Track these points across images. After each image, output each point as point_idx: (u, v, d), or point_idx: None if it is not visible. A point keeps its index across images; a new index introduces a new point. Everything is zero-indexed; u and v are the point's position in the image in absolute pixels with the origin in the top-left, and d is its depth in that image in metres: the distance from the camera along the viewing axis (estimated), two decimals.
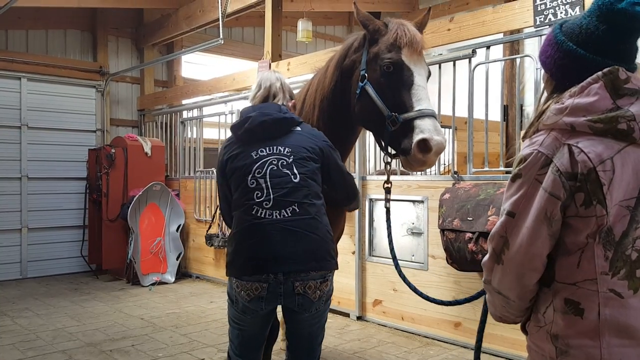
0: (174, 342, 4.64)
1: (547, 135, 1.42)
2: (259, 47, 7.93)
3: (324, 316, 2.45)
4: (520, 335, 3.86)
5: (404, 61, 2.53)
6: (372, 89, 2.58)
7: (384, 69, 2.54)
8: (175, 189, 7.82)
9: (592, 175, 1.34)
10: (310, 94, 2.99)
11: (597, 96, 1.38)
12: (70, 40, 8.23)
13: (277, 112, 2.46)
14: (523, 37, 4.88)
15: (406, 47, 2.53)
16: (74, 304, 6.01)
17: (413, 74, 2.52)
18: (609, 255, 1.37)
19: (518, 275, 1.45)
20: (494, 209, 3.83)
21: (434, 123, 2.44)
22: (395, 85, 2.52)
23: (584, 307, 1.38)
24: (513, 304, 1.51)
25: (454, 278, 4.46)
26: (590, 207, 1.35)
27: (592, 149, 1.36)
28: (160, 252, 7.19)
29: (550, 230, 1.40)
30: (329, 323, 5.10)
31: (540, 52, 1.57)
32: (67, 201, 7.88)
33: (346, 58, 2.80)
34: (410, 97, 2.48)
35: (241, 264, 2.30)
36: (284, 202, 2.28)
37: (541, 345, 1.46)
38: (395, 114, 2.48)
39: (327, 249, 2.34)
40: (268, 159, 2.36)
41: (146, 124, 8.76)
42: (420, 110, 2.45)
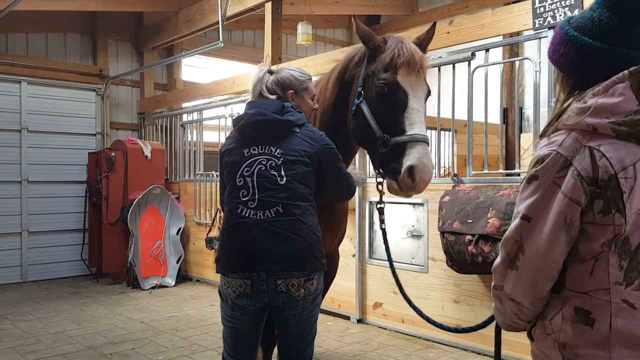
0: (174, 346, 4.64)
1: (567, 135, 1.34)
2: (259, 50, 7.94)
3: (313, 315, 2.45)
4: (520, 337, 3.86)
5: (399, 82, 2.46)
6: (366, 108, 2.52)
7: (379, 89, 2.48)
8: (176, 192, 7.82)
9: (612, 182, 1.28)
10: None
11: (622, 97, 1.30)
12: (70, 43, 8.24)
13: (276, 112, 2.43)
14: (522, 40, 4.90)
15: (403, 67, 2.46)
16: (74, 308, 6.01)
17: (408, 96, 2.45)
18: (623, 265, 1.32)
19: (533, 281, 1.39)
20: (494, 212, 3.83)
21: (424, 149, 2.41)
22: (389, 106, 2.46)
23: (595, 317, 1.33)
24: (526, 311, 1.45)
25: (454, 280, 4.46)
26: (608, 215, 1.29)
27: (615, 153, 1.29)
28: (160, 255, 7.18)
29: (569, 236, 1.34)
30: (329, 326, 5.10)
31: (551, 51, 1.49)
32: (67, 204, 7.88)
33: (347, 72, 2.75)
34: (404, 120, 2.43)
35: (226, 261, 2.37)
36: (269, 202, 2.31)
37: (547, 353, 1.42)
38: (387, 136, 2.44)
39: (311, 250, 2.34)
40: (258, 159, 2.38)
41: (146, 127, 8.77)
42: (411, 135, 2.40)
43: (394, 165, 2.45)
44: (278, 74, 2.60)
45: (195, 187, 7.45)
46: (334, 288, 5.23)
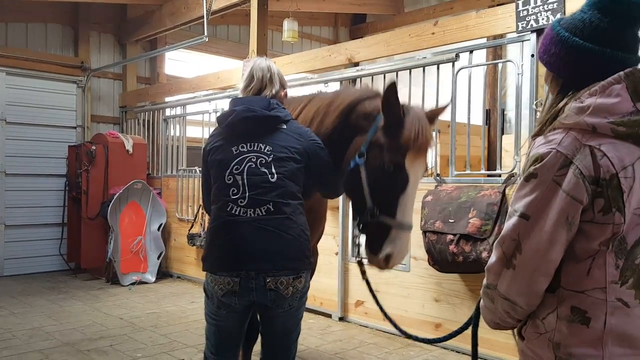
0: (153, 342, 4.60)
1: (565, 134, 1.35)
2: (245, 45, 7.88)
3: (299, 313, 2.45)
4: (498, 336, 3.91)
5: (405, 166, 2.41)
6: (365, 174, 2.46)
7: (384, 166, 2.42)
8: (157, 188, 7.74)
9: (614, 182, 1.29)
10: (305, 118, 2.81)
11: (619, 98, 1.32)
12: (52, 34, 8.10)
13: (264, 108, 2.43)
14: (505, 42, 4.94)
15: (413, 150, 2.41)
16: (52, 303, 5.92)
17: (409, 181, 2.43)
18: (619, 264, 1.33)
19: (530, 281, 1.38)
20: (475, 212, 3.87)
21: (407, 238, 2.45)
22: (388, 184, 2.43)
23: (590, 315, 1.34)
24: (520, 310, 1.44)
25: (436, 279, 4.49)
26: (608, 214, 1.30)
27: (615, 153, 1.31)
28: (140, 251, 7.11)
29: (569, 235, 1.34)
30: (311, 324, 5.11)
31: (542, 51, 1.51)
32: (46, 198, 7.76)
33: (354, 113, 2.62)
34: (397, 203, 2.42)
35: (214, 260, 2.34)
36: (259, 200, 2.29)
37: (539, 353, 1.42)
38: (377, 210, 2.42)
39: (301, 249, 2.34)
40: (247, 156, 2.36)
41: (128, 121, 8.66)
42: (400, 223, 2.41)
43: (373, 243, 2.47)
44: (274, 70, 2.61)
45: (177, 183, 7.39)
46: (316, 286, 5.24)
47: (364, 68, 5.36)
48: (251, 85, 2.56)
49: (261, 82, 2.55)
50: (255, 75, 2.55)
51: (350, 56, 5.43)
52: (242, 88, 2.62)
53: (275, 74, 2.59)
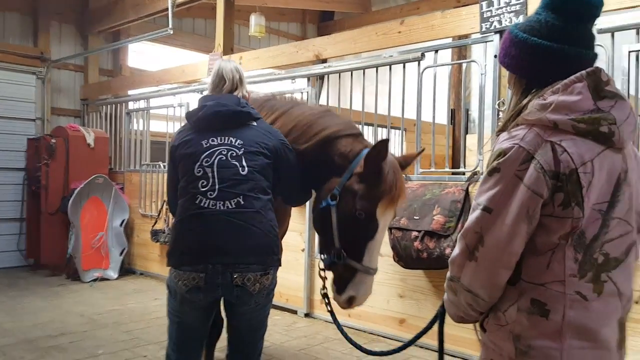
0: (115, 339, 4.53)
1: (528, 130, 1.39)
2: (211, 39, 7.80)
3: (266, 310, 2.44)
4: (463, 332, 4.00)
5: (376, 215, 2.46)
6: (335, 217, 2.47)
7: (355, 213, 2.44)
8: (120, 183, 7.59)
9: (573, 177, 1.33)
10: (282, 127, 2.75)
11: (580, 96, 1.37)
12: (9, 23, 7.83)
13: (235, 104, 2.45)
14: (469, 43, 5.04)
15: (386, 201, 2.46)
16: (10, 300, 5.75)
17: (378, 229, 2.48)
18: (578, 257, 1.36)
19: (492, 273, 1.41)
20: (439, 209, 3.95)
21: (370, 283, 2.53)
22: (358, 230, 2.46)
23: (550, 308, 1.37)
24: (482, 302, 1.47)
25: (400, 276, 4.56)
26: (568, 208, 1.34)
27: (575, 149, 1.34)
28: (102, 247, 6.96)
29: (529, 228, 1.37)
30: (277, 320, 5.11)
31: (502, 55, 1.55)
32: (3, 192, 7.51)
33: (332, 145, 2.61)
34: (365, 249, 2.47)
35: (180, 254, 2.29)
36: (229, 193, 2.26)
37: (500, 344, 1.45)
38: (344, 253, 2.46)
39: (270, 244, 2.33)
40: (218, 149, 2.34)
41: (89, 114, 8.46)
42: (366, 268, 2.47)
43: (338, 283, 2.54)
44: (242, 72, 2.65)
45: (140, 178, 7.26)
46: (282, 282, 5.22)
47: (332, 65, 5.39)
48: (222, 86, 2.57)
49: (232, 83, 2.57)
50: (226, 76, 2.57)
51: (317, 53, 5.44)
52: (211, 88, 2.62)
53: (243, 75, 2.64)
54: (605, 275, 1.40)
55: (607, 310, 1.40)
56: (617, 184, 1.40)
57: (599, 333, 1.38)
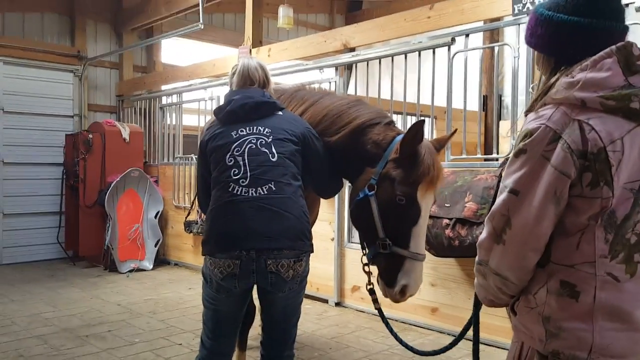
0: (151, 328, 4.63)
1: (555, 109, 1.35)
2: (240, 33, 7.84)
3: (299, 297, 2.44)
4: (496, 320, 3.93)
5: (417, 199, 2.42)
6: (375, 206, 2.45)
7: (395, 199, 2.42)
8: (154, 176, 7.75)
9: (602, 155, 1.29)
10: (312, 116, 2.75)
11: (610, 72, 1.32)
12: (48, 23, 8.06)
13: (260, 96, 2.50)
14: (502, 25, 4.93)
15: (425, 184, 2.42)
16: (50, 291, 5.95)
17: (420, 213, 2.44)
18: (609, 238, 1.33)
19: (519, 255, 1.39)
20: (471, 196, 3.88)
21: (421, 270, 2.46)
22: (400, 217, 2.43)
23: (580, 289, 1.34)
24: (511, 285, 1.45)
25: (432, 264, 4.51)
26: (596, 188, 1.30)
27: (603, 127, 1.30)
28: (138, 238, 7.13)
29: (557, 209, 1.34)
30: (308, 309, 5.13)
31: (529, 35, 1.51)
32: (43, 187, 7.76)
33: (364, 134, 2.60)
34: (410, 234, 2.43)
35: (215, 241, 2.30)
36: (261, 180, 2.28)
37: (530, 327, 1.43)
38: (389, 242, 2.43)
39: (302, 230, 2.32)
40: (247, 138, 2.37)
41: (124, 109, 8.65)
42: (414, 254, 2.42)
43: (388, 275, 2.48)
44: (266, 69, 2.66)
45: (174, 171, 7.39)
46: (312, 272, 5.22)
47: (360, 53, 5.35)
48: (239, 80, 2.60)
49: (259, 83, 2.59)
50: (252, 76, 2.58)
51: (345, 42, 5.41)
52: (234, 84, 2.63)
53: (268, 71, 2.65)
54: (638, 256, 1.35)
55: None
56: None
57: (633, 315, 1.34)
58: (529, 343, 1.45)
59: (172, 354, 4.00)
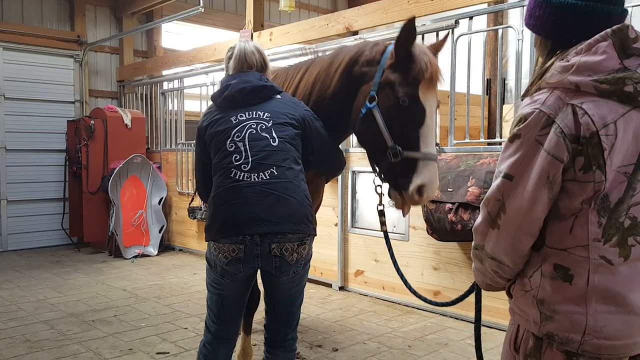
0: (156, 313, 4.67)
1: (549, 94, 1.35)
2: (241, 16, 7.79)
3: (303, 280, 2.45)
4: (497, 303, 3.96)
5: (419, 98, 2.41)
6: (379, 115, 2.45)
7: (399, 102, 2.41)
8: (157, 162, 7.75)
9: (594, 139, 1.29)
10: (306, 84, 2.83)
11: (604, 55, 1.32)
12: (47, 8, 8.00)
13: (258, 80, 2.47)
14: (505, 7, 4.88)
15: (425, 82, 2.41)
16: (56, 276, 5.99)
17: (425, 112, 2.42)
18: (602, 222, 1.34)
19: (514, 239, 1.40)
20: (474, 180, 3.88)
21: (435, 169, 2.43)
22: (406, 119, 2.42)
23: (573, 273, 1.35)
24: (507, 269, 1.47)
25: (434, 248, 4.53)
26: (589, 172, 1.31)
27: (596, 111, 1.30)
28: (142, 224, 7.16)
29: (551, 193, 1.35)
30: (312, 293, 5.17)
31: (527, 16, 1.51)
32: (46, 173, 7.79)
33: (356, 65, 2.62)
34: (419, 136, 2.40)
35: (218, 227, 2.30)
36: (263, 164, 2.28)
37: (525, 310, 1.44)
38: (399, 148, 2.41)
39: (305, 213, 2.33)
40: (247, 123, 2.36)
41: (126, 95, 8.62)
42: (425, 154, 2.39)
43: (402, 180, 2.44)
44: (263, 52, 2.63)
45: (177, 157, 7.39)
46: (316, 256, 5.27)
47: (363, 37, 5.30)
48: (235, 64, 2.57)
49: (257, 67, 2.57)
50: (249, 60, 2.56)
51: (348, 25, 5.37)
52: (231, 68, 2.61)
53: (265, 55, 2.62)
54: (632, 239, 1.36)
55: (635, 274, 1.36)
56: None
57: (627, 298, 1.34)
58: (525, 325, 1.46)
59: (177, 337, 4.05)
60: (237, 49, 2.60)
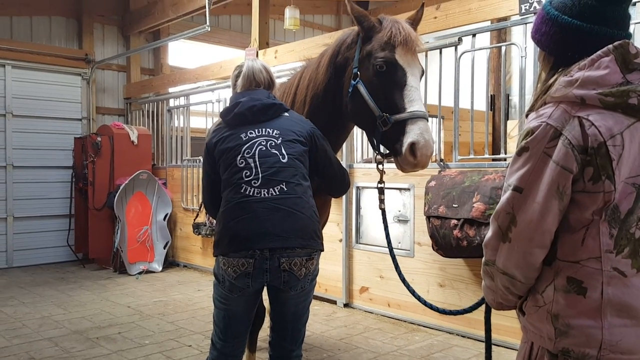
0: (161, 330, 4.65)
1: (555, 107, 1.38)
2: (247, 35, 7.87)
3: (309, 296, 2.45)
4: (507, 321, 3.92)
5: (397, 60, 2.45)
6: (364, 88, 2.52)
7: (377, 68, 2.47)
8: (162, 178, 7.79)
9: (602, 150, 1.31)
10: (301, 89, 2.92)
11: (607, 70, 1.35)
12: (56, 27, 8.12)
13: (266, 98, 2.52)
14: (509, 25, 4.91)
15: (400, 46, 2.45)
16: (60, 293, 5.99)
17: (406, 74, 2.45)
18: (613, 233, 1.34)
19: (526, 253, 1.40)
20: (479, 196, 3.87)
21: (425, 125, 2.42)
22: (388, 85, 2.47)
23: (587, 286, 1.34)
24: (519, 285, 1.46)
25: (440, 264, 4.51)
26: (598, 182, 1.32)
27: (603, 122, 1.32)
28: (147, 240, 7.16)
29: (561, 204, 1.36)
30: (316, 310, 5.14)
31: (534, 31, 1.54)
32: (53, 190, 7.83)
33: (339, 55, 2.72)
34: (403, 97, 2.43)
35: (228, 241, 2.31)
36: (272, 180, 2.32)
37: (539, 326, 1.43)
38: (387, 115, 2.43)
39: (314, 229, 2.35)
40: (257, 140, 2.40)
41: (132, 112, 8.69)
42: (412, 112, 2.40)
43: (395, 145, 2.45)
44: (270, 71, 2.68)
45: (182, 173, 7.42)
46: (321, 273, 5.22)
47: None
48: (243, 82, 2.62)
49: (264, 85, 2.61)
50: (257, 78, 2.60)
51: None
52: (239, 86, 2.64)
53: (272, 73, 2.67)
54: None
55: None
56: None
57: None
58: (539, 342, 1.44)
59: (182, 355, 4.02)
60: (245, 67, 2.64)
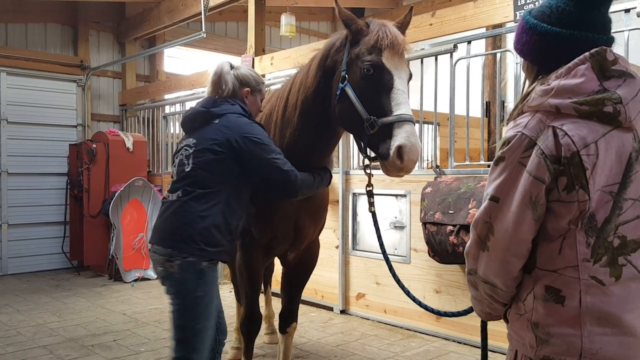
0: (156, 337, 4.63)
1: (531, 117, 1.38)
2: (243, 41, 7.90)
3: (178, 303, 2.57)
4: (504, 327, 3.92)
5: (384, 64, 2.46)
6: (351, 91, 2.52)
7: (364, 71, 2.48)
8: (158, 185, 7.76)
9: (575, 159, 1.31)
10: (293, 93, 2.93)
11: (583, 78, 1.35)
12: (51, 34, 8.11)
13: (203, 105, 2.66)
14: (503, 32, 4.95)
15: (387, 49, 2.47)
16: (55, 300, 5.95)
17: (393, 77, 2.46)
18: (590, 241, 1.34)
19: (503, 261, 1.42)
20: (475, 202, 3.88)
21: (411, 128, 2.42)
22: (375, 88, 2.47)
23: (565, 294, 1.35)
24: (500, 292, 1.47)
25: (436, 271, 4.51)
26: (572, 192, 1.32)
27: (577, 132, 1.32)
28: (142, 248, 7.13)
29: (535, 214, 1.36)
30: (313, 317, 5.13)
31: (515, 41, 1.55)
32: (47, 197, 7.79)
33: (328, 58, 2.73)
34: (390, 101, 2.43)
35: None
36: (176, 187, 2.58)
37: (521, 334, 1.44)
38: (374, 118, 2.43)
39: (189, 233, 2.45)
40: (181, 150, 2.64)
41: (128, 119, 8.68)
42: (398, 115, 2.40)
43: (382, 149, 2.44)
44: (238, 70, 2.76)
45: None
46: (317, 279, 5.26)
47: None
48: (208, 91, 2.78)
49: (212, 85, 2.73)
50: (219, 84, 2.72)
51: None
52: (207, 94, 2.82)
53: (226, 74, 2.71)
54: (623, 259, 1.36)
55: (629, 295, 1.35)
56: (628, 164, 1.35)
57: (622, 319, 1.33)
58: (522, 350, 1.45)
59: None
60: (212, 72, 2.77)
